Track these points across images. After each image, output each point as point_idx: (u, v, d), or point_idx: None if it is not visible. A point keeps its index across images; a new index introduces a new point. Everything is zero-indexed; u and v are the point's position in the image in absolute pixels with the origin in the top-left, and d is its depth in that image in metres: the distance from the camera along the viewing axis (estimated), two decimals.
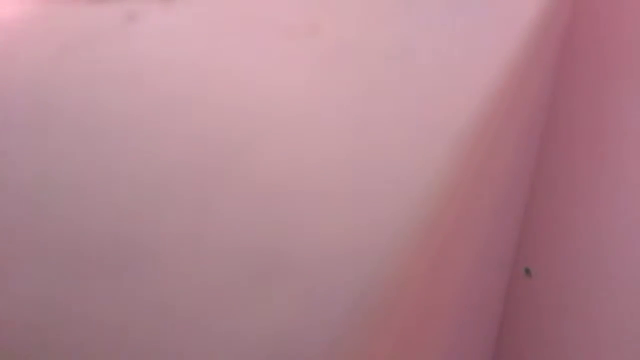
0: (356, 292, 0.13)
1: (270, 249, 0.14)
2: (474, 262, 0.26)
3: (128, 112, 0.18)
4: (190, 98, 0.19)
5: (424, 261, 0.15)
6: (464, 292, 0.25)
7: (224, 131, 0.17)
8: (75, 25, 0.22)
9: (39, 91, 0.19)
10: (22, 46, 0.21)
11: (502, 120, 0.23)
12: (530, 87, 0.31)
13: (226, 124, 0.18)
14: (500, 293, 0.47)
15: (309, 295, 0.13)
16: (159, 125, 0.17)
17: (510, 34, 0.25)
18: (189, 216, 0.14)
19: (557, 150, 0.52)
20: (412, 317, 0.16)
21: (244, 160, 0.16)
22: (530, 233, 0.51)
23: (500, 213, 0.32)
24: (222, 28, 0.22)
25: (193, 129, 0.17)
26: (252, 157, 0.16)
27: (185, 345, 0.12)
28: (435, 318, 0.19)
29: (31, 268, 0.13)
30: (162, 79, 0.19)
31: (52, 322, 0.12)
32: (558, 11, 0.37)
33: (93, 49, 0.21)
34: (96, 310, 0.12)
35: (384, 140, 0.17)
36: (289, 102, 0.19)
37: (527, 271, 0.51)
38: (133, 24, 0.22)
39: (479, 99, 0.20)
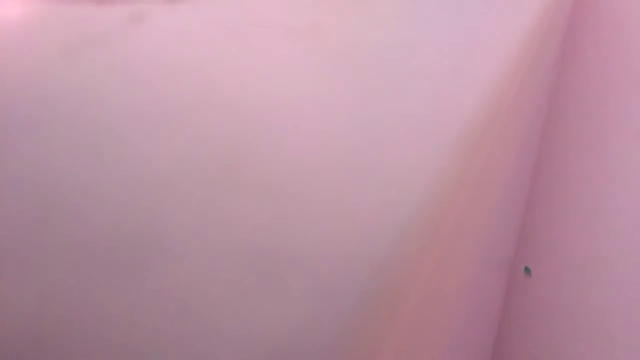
0: (360, 290, 0.13)
1: (276, 247, 0.14)
2: (475, 261, 0.26)
3: (133, 112, 0.18)
4: (194, 98, 0.19)
5: (426, 260, 0.16)
6: (464, 291, 0.25)
7: (228, 131, 0.17)
8: (81, 25, 0.22)
9: (45, 91, 0.19)
10: (28, 46, 0.21)
11: (503, 119, 0.23)
12: (531, 86, 0.31)
13: (230, 123, 0.18)
14: (500, 292, 0.47)
15: (314, 293, 0.13)
16: (165, 125, 0.17)
17: (511, 33, 0.25)
18: (196, 215, 0.15)
19: (557, 150, 0.52)
20: (415, 315, 0.16)
21: (248, 159, 0.16)
22: (530, 233, 0.52)
23: (500, 213, 0.32)
24: (226, 29, 0.23)
25: (197, 129, 0.17)
26: (257, 156, 0.17)
27: (192, 341, 0.12)
28: (437, 316, 0.19)
29: (38, 267, 0.13)
30: (167, 79, 0.20)
31: (59, 320, 0.12)
32: (559, 10, 0.37)
33: (98, 50, 0.21)
34: (103, 307, 0.12)
35: (387, 140, 0.17)
36: (292, 102, 0.19)
37: (527, 270, 0.51)
38: (138, 25, 0.22)
39: (481, 98, 0.20)
